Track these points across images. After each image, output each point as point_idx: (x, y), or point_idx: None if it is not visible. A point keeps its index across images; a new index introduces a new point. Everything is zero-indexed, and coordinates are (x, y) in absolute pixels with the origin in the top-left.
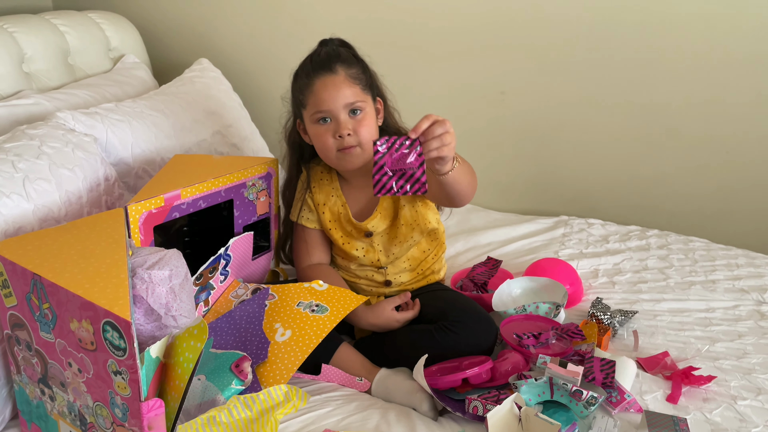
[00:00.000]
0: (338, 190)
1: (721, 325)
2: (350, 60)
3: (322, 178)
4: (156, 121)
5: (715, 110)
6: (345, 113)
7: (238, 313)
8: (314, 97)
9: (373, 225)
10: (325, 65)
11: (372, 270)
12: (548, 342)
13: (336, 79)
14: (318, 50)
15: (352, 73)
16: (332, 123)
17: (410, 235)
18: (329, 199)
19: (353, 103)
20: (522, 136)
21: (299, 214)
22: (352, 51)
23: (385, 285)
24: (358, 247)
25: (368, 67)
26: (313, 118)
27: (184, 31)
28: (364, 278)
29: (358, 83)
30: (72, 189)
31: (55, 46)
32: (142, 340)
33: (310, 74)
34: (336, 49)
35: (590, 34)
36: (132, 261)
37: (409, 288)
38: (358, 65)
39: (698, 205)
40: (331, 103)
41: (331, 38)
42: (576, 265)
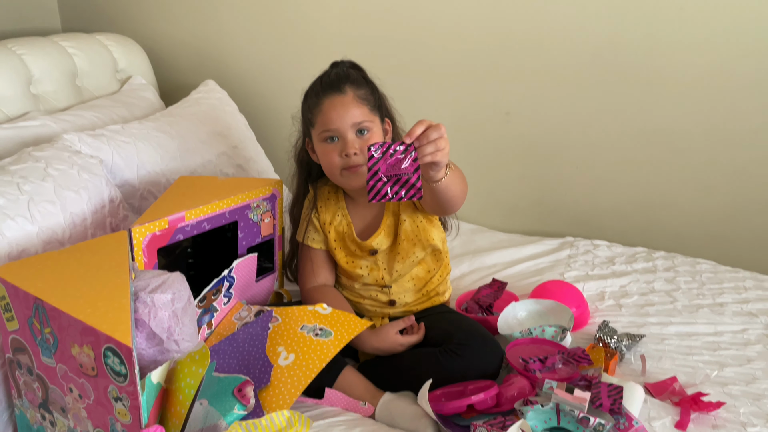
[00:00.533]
0: (344, 209)
1: (729, 349)
2: (359, 81)
3: (329, 197)
4: (162, 142)
5: (720, 132)
6: (352, 132)
7: (241, 336)
8: (323, 116)
9: (378, 242)
10: (335, 85)
11: (376, 289)
12: (555, 366)
13: (344, 99)
14: (328, 71)
15: (360, 94)
16: (339, 142)
17: (412, 251)
18: (335, 218)
19: (361, 122)
20: (527, 157)
21: (305, 234)
22: (362, 73)
23: (390, 305)
24: (362, 265)
25: (377, 88)
26: (321, 137)
27: (190, 52)
28: (369, 298)
29: (366, 104)
30: (77, 211)
31: (63, 67)
32: (144, 364)
33: (319, 94)
34: (346, 70)
35: (595, 56)
36: (135, 284)
37: (414, 309)
38: (367, 86)
39: (705, 226)
40: (338, 122)
41: (342, 60)
42: (582, 287)
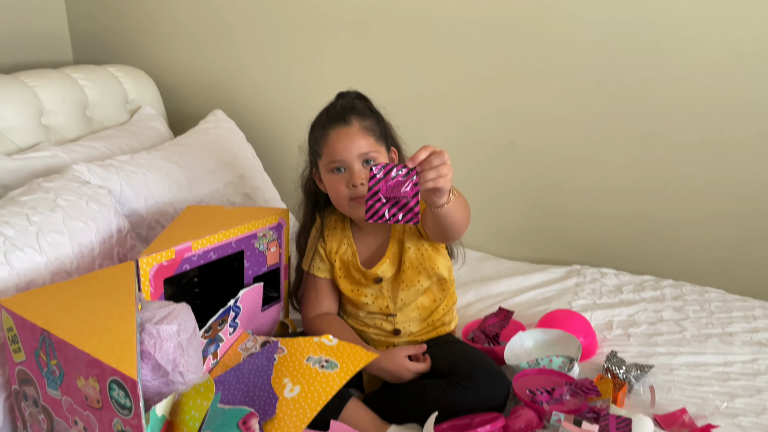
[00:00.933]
0: (350, 238)
1: (739, 379)
2: (365, 112)
3: (336, 225)
4: (170, 172)
5: (726, 159)
6: (359, 163)
7: (246, 367)
8: (329, 147)
9: (383, 270)
10: (340, 117)
11: (381, 318)
12: (562, 398)
13: (350, 130)
14: (334, 103)
15: (366, 125)
16: (346, 172)
17: (416, 279)
18: (340, 247)
19: (367, 153)
20: (533, 185)
21: (311, 263)
22: (368, 103)
23: (394, 334)
24: (367, 293)
25: (383, 118)
26: (328, 168)
27: (199, 83)
28: (373, 327)
29: (371, 134)
30: (84, 241)
31: (74, 99)
32: (149, 396)
33: (325, 125)
34: (352, 101)
35: (600, 84)
36: (141, 315)
37: (419, 339)
38: (373, 117)
39: (713, 254)
40: (345, 153)
41: (347, 91)
42: (589, 316)
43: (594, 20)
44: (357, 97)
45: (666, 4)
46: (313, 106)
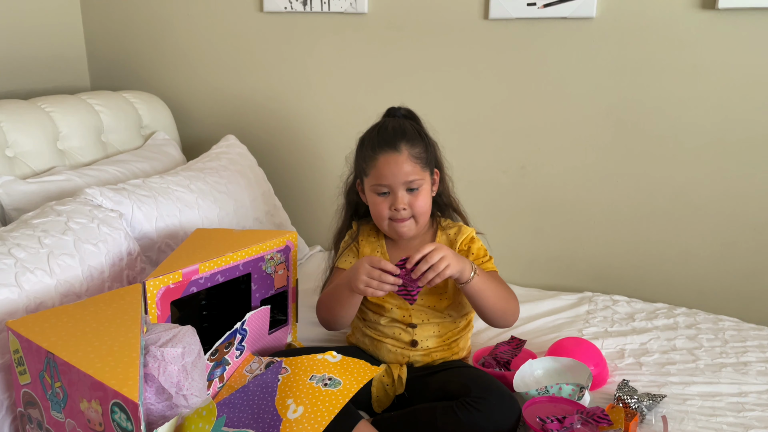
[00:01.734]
0: (383, 247)
1: (754, 410)
2: (414, 138)
3: (370, 234)
4: (181, 196)
5: (740, 187)
6: (403, 189)
7: (251, 389)
8: (376, 171)
9: None
10: (391, 143)
11: (401, 327)
12: (573, 426)
13: (399, 158)
14: (385, 123)
15: (414, 153)
16: (390, 196)
17: (446, 311)
18: (373, 253)
19: (412, 181)
20: (544, 211)
21: (342, 258)
22: (417, 125)
23: (411, 345)
24: (391, 302)
25: (430, 140)
26: (372, 188)
27: (212, 108)
28: (391, 337)
29: (418, 162)
30: (95, 264)
31: (90, 124)
32: (153, 419)
33: (375, 148)
34: (402, 124)
35: (610, 111)
36: (146, 338)
37: (434, 355)
38: (422, 143)
39: (727, 283)
40: (391, 179)
41: (398, 108)
42: (601, 344)
43: (605, 45)
44: (407, 115)
45: (676, 30)
46: (325, 130)
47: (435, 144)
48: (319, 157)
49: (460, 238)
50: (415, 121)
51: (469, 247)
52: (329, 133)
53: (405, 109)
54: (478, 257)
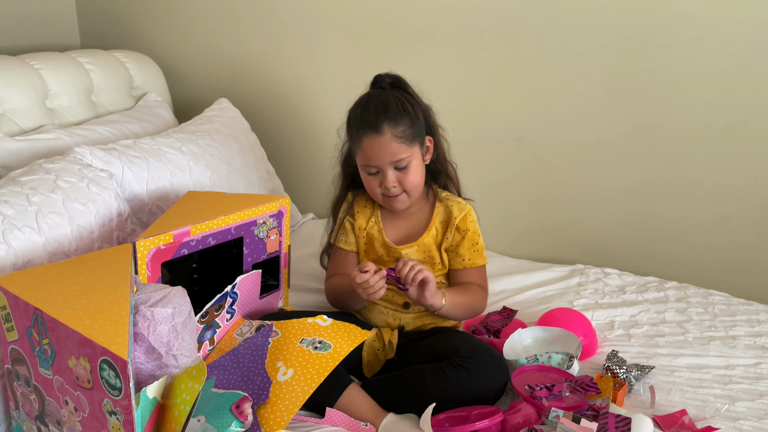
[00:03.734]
0: (378, 217)
1: (741, 383)
2: (398, 115)
3: (366, 205)
4: (173, 158)
5: (735, 161)
6: (391, 168)
7: (242, 351)
8: (363, 152)
9: (407, 254)
10: (373, 125)
11: (393, 290)
12: (562, 394)
13: (382, 140)
14: (369, 99)
15: (398, 132)
16: (380, 175)
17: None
18: (368, 223)
19: (399, 160)
20: (538, 183)
21: (337, 236)
22: (403, 95)
23: (404, 307)
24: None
25: (419, 107)
26: (362, 167)
27: (206, 71)
28: (384, 299)
29: (403, 141)
30: (84, 223)
31: (79, 83)
32: (142, 378)
33: (359, 129)
34: (385, 100)
35: (608, 83)
36: (136, 298)
37: (425, 319)
38: (406, 118)
39: (718, 257)
40: (377, 160)
41: (385, 75)
42: (591, 316)
43: (603, 17)
44: (394, 83)
45: (676, 1)
46: (318, 97)
47: (427, 109)
48: (313, 124)
49: (458, 215)
50: (402, 89)
51: (465, 228)
52: (325, 99)
53: (391, 77)
54: (472, 243)
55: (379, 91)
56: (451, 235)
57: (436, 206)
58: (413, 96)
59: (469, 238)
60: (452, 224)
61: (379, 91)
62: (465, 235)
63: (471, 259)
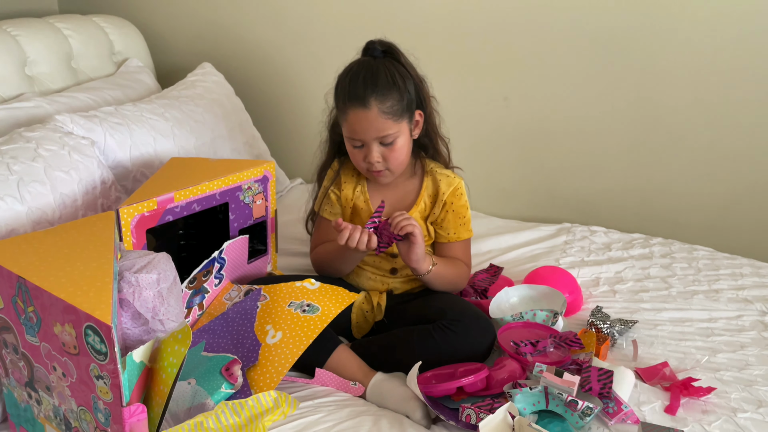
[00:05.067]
0: (364, 186)
1: (723, 335)
2: (386, 88)
3: (353, 174)
4: (155, 124)
5: (720, 118)
6: (376, 143)
7: (231, 315)
8: (348, 124)
9: None
10: (360, 98)
11: (381, 257)
12: (546, 350)
13: (369, 114)
14: (358, 69)
15: (385, 108)
16: (364, 149)
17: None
18: (354, 194)
19: (384, 136)
20: (525, 142)
21: (321, 205)
22: (395, 66)
23: (391, 273)
24: None
25: (410, 83)
26: (347, 139)
27: (188, 35)
28: (371, 265)
29: (390, 117)
30: (67, 192)
31: (59, 49)
32: (130, 344)
33: (345, 101)
34: (375, 71)
35: (594, 40)
36: (120, 264)
37: (413, 283)
38: (395, 93)
39: (703, 213)
40: (362, 134)
41: (377, 42)
42: (577, 273)
43: None
44: (386, 51)
45: None
46: (306, 60)
47: (420, 80)
48: (300, 87)
49: (446, 190)
50: (395, 58)
51: (452, 202)
52: (311, 62)
53: (384, 44)
54: (459, 217)
55: (369, 60)
56: (438, 210)
57: (425, 179)
58: (406, 67)
59: (456, 212)
60: (440, 199)
61: (370, 60)
62: (452, 209)
63: (456, 233)
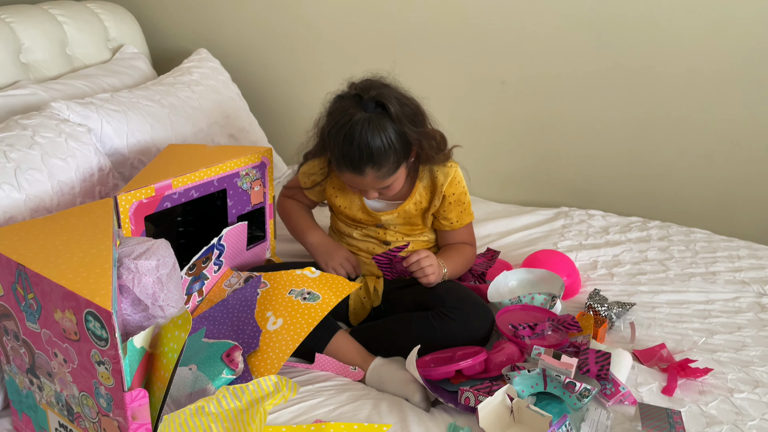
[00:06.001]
0: None
1: (720, 317)
2: (382, 157)
3: None
4: (152, 111)
5: (718, 101)
6: (373, 191)
7: (231, 302)
8: (343, 177)
9: (387, 220)
10: (355, 166)
11: (375, 243)
12: (544, 333)
13: (365, 180)
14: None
15: (382, 173)
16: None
17: (421, 232)
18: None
19: (381, 188)
20: (523, 126)
21: (312, 187)
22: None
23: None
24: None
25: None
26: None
27: (184, 21)
28: (365, 251)
29: (387, 176)
30: (64, 179)
31: (53, 36)
32: (130, 330)
33: (339, 161)
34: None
35: (592, 23)
36: (119, 251)
37: None
38: (392, 156)
39: (701, 196)
40: (358, 189)
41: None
42: (575, 256)
43: None
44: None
45: None
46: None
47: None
48: (297, 73)
49: (444, 181)
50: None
51: (453, 193)
52: (305, 49)
53: (376, 97)
54: (459, 203)
55: (362, 119)
56: (438, 202)
57: (420, 170)
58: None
59: (457, 200)
60: (439, 191)
61: (363, 119)
62: (453, 199)
63: (459, 220)
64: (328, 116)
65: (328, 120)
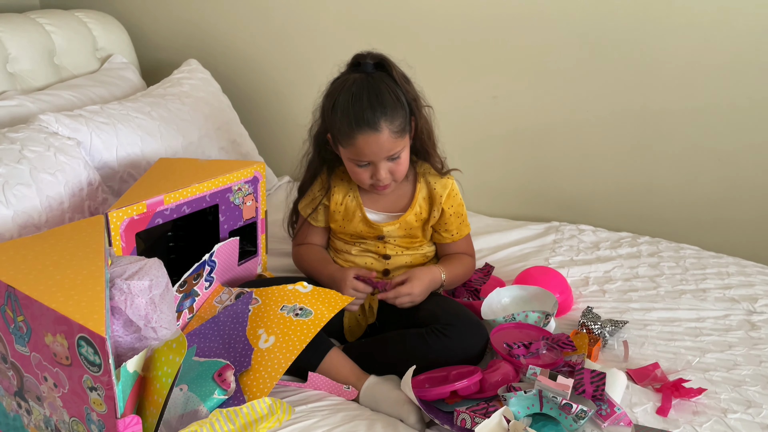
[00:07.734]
0: (356, 191)
1: (711, 335)
2: (393, 108)
3: (343, 178)
4: (142, 123)
5: (707, 117)
6: (385, 161)
7: (222, 319)
8: (355, 148)
9: (389, 231)
10: (370, 122)
11: (374, 258)
12: (539, 352)
13: (380, 137)
14: (359, 90)
15: (395, 127)
16: (371, 167)
17: (420, 247)
18: (346, 198)
19: (393, 154)
20: (514, 141)
21: (312, 213)
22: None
23: (384, 274)
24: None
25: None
26: (350, 159)
27: (173, 31)
28: (363, 266)
29: (399, 135)
30: (53, 194)
31: (41, 45)
32: (121, 352)
33: (351, 125)
34: (378, 92)
35: (583, 39)
36: (111, 271)
37: None
38: (401, 109)
39: (690, 212)
40: (373, 156)
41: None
42: (566, 272)
43: None
44: (378, 65)
45: None
46: (292, 57)
47: (409, 85)
48: (285, 85)
49: (442, 193)
50: (388, 72)
51: (451, 205)
52: (296, 60)
53: (375, 57)
54: (458, 216)
55: (364, 77)
56: (438, 213)
57: (418, 182)
58: (398, 79)
59: (456, 213)
60: (437, 203)
61: (365, 77)
62: (452, 212)
63: (458, 232)
64: (327, 96)
65: (328, 97)
